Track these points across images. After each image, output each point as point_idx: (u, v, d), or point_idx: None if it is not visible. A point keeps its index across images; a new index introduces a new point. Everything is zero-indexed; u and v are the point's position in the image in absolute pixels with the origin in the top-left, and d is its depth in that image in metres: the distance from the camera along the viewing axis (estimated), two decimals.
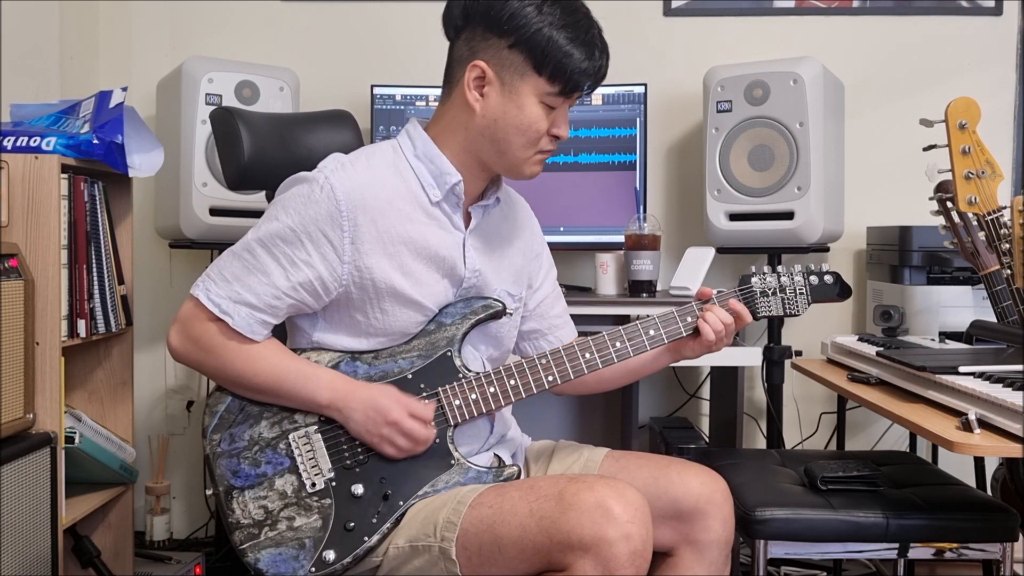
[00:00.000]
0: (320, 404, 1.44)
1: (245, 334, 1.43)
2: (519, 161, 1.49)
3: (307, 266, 1.43)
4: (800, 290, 1.58)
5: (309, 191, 1.43)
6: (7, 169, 1.81)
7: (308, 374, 1.45)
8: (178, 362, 1.51)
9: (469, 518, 1.35)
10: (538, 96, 1.44)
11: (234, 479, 1.44)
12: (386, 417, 1.42)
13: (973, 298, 2.35)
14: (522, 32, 1.41)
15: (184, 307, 1.47)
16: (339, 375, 1.46)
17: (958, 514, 1.66)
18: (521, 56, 1.42)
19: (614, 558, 1.26)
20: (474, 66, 1.44)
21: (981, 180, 1.73)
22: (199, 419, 2.84)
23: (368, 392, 1.44)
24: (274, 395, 1.46)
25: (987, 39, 2.77)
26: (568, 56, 1.41)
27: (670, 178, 2.86)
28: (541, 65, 1.42)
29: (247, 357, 1.44)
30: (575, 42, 1.41)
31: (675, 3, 2.82)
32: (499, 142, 1.46)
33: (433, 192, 1.50)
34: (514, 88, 1.44)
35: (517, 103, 1.44)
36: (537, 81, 1.43)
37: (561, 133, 1.49)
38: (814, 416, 2.80)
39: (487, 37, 1.44)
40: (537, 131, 1.46)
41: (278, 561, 1.40)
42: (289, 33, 2.85)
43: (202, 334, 1.45)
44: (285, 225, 1.43)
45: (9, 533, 1.68)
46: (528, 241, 1.68)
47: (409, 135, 1.53)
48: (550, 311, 1.71)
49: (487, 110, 1.45)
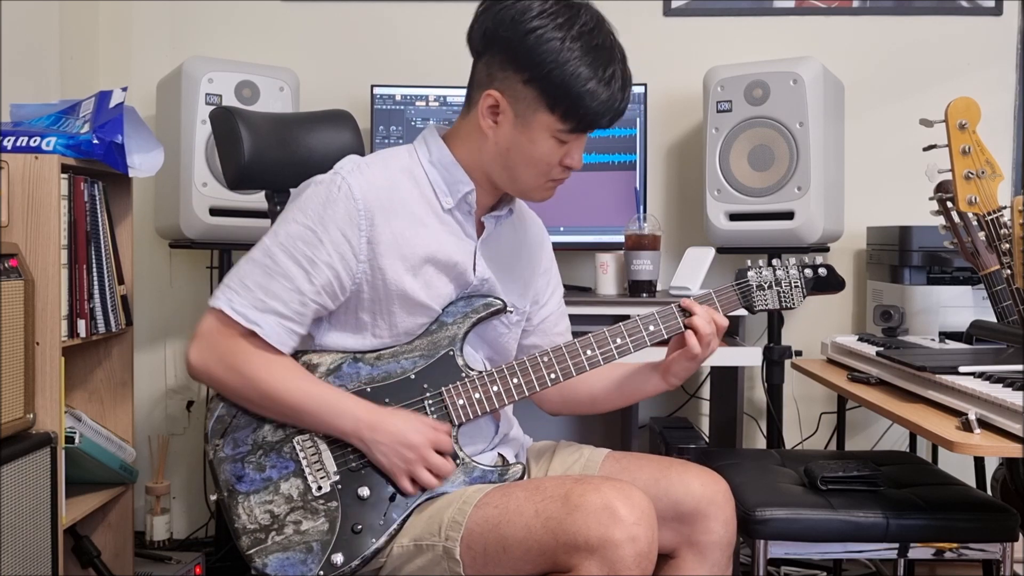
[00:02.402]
0: (343, 432, 1.43)
1: (275, 345, 1.41)
2: (529, 188, 1.50)
3: (327, 267, 1.42)
4: (795, 283, 1.59)
5: (327, 191, 1.43)
6: (7, 169, 1.81)
7: (332, 401, 1.43)
8: (196, 380, 1.48)
9: (474, 518, 1.35)
10: (550, 132, 1.43)
11: (239, 484, 1.43)
12: (417, 453, 1.41)
13: (973, 298, 2.35)
14: (539, 69, 1.39)
15: (205, 321, 1.44)
16: (362, 403, 1.44)
17: (958, 514, 1.66)
18: (535, 92, 1.41)
19: (620, 560, 1.26)
20: (488, 95, 1.44)
21: (981, 180, 1.73)
22: (199, 419, 2.85)
23: (395, 424, 1.42)
24: (294, 417, 1.44)
25: (987, 39, 2.77)
26: (583, 95, 1.39)
27: (670, 178, 2.86)
28: (554, 104, 1.40)
29: (272, 376, 1.41)
30: (594, 80, 1.39)
31: (675, 3, 2.82)
32: (510, 169, 1.47)
33: (446, 199, 1.50)
34: (527, 122, 1.43)
35: (529, 136, 1.43)
36: (550, 119, 1.42)
37: (573, 164, 1.48)
38: (814, 416, 2.80)
39: (504, 68, 1.42)
40: (548, 164, 1.46)
41: (286, 565, 1.39)
42: (289, 33, 2.85)
43: (227, 350, 1.42)
44: (304, 226, 1.42)
45: (9, 533, 1.68)
46: (538, 256, 1.69)
47: (426, 141, 1.53)
48: (553, 328, 1.71)
49: (500, 138, 1.45)
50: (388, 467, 1.42)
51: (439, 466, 1.42)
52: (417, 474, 1.42)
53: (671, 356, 1.55)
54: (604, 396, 1.65)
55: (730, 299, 1.57)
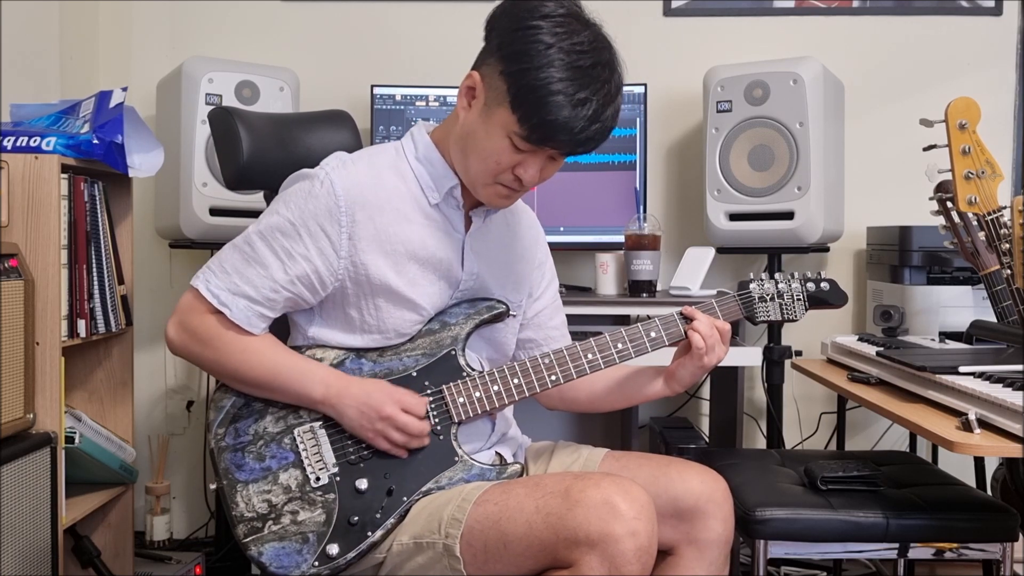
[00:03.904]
0: (314, 399, 1.45)
1: (243, 326, 1.45)
2: (476, 182, 1.47)
3: (304, 260, 1.44)
4: (797, 296, 1.60)
5: (310, 187, 1.45)
6: (7, 169, 1.81)
7: (302, 369, 1.46)
8: (175, 354, 1.52)
9: (474, 515, 1.36)
10: (506, 131, 1.39)
11: (238, 473, 1.44)
12: (379, 412, 1.43)
13: (973, 298, 2.35)
14: (516, 64, 1.36)
15: (183, 298, 1.49)
16: (333, 371, 1.47)
17: (958, 514, 1.66)
18: (505, 86, 1.38)
19: (620, 554, 1.26)
20: (470, 75, 1.45)
21: (981, 180, 1.73)
22: (199, 419, 2.85)
23: (361, 387, 1.45)
24: (269, 390, 1.46)
25: (987, 39, 2.77)
26: (545, 105, 1.35)
27: (670, 178, 2.86)
28: (516, 104, 1.37)
29: (243, 350, 1.45)
30: (562, 95, 1.34)
31: (675, 3, 2.82)
32: (465, 156, 1.46)
33: (432, 194, 1.51)
34: (489, 113, 1.41)
35: (487, 128, 1.41)
36: (509, 118, 1.38)
37: (524, 177, 1.43)
38: (814, 416, 2.80)
39: (491, 54, 1.42)
40: (497, 163, 1.42)
41: (281, 555, 1.41)
42: (289, 33, 2.85)
43: (199, 325, 1.46)
44: (285, 219, 1.45)
45: (9, 533, 1.68)
46: (531, 250, 1.69)
47: (413, 137, 1.55)
48: (548, 322, 1.72)
49: (465, 122, 1.45)
50: (357, 429, 1.44)
51: (408, 424, 1.43)
52: (387, 434, 1.44)
53: (677, 360, 1.55)
54: (604, 396, 1.66)
55: (732, 309, 1.58)
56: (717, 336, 1.51)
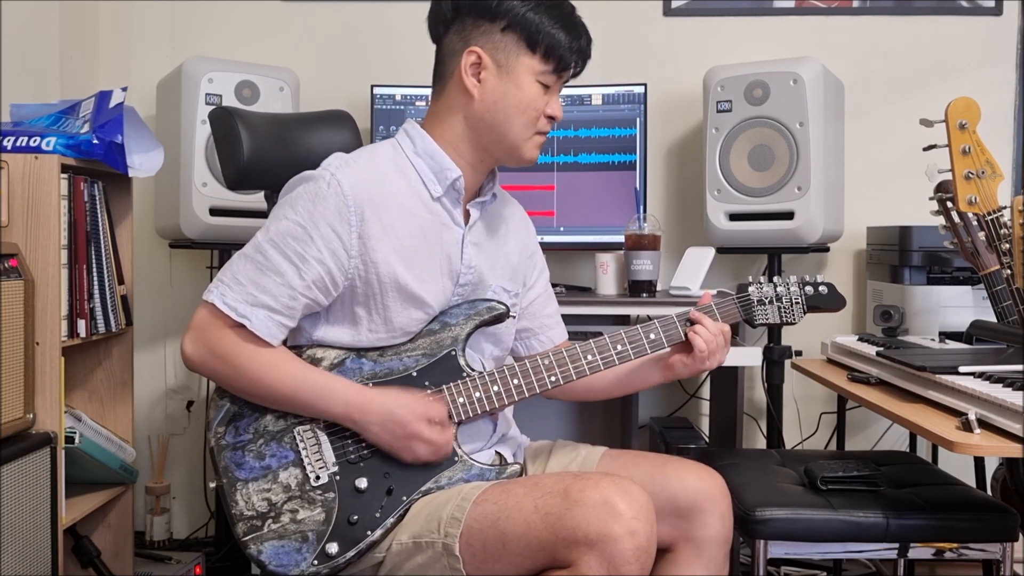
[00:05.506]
0: (335, 416, 1.45)
1: (264, 338, 1.43)
2: (519, 142, 1.52)
3: (318, 262, 1.44)
4: (796, 300, 1.62)
5: (316, 188, 1.45)
6: (7, 169, 1.81)
7: (322, 386, 1.45)
8: (192, 371, 1.51)
9: (473, 514, 1.36)
10: (534, 75, 1.49)
11: (238, 471, 1.44)
12: (406, 430, 1.43)
13: (973, 298, 2.35)
14: (513, 15, 1.47)
15: (198, 314, 1.46)
16: (352, 386, 1.46)
17: (958, 514, 1.66)
18: (515, 37, 1.48)
19: (619, 554, 1.26)
20: (470, 52, 1.48)
21: (981, 180, 1.73)
22: (199, 419, 2.85)
23: (382, 404, 1.44)
24: (288, 405, 1.46)
25: (987, 39, 2.77)
26: (556, 34, 1.48)
27: (670, 178, 2.86)
28: (535, 44, 1.48)
29: (262, 364, 1.44)
30: (560, 23, 1.49)
31: (675, 3, 2.82)
32: (500, 124, 1.50)
33: (434, 188, 1.52)
34: (511, 69, 1.49)
35: (516, 83, 1.49)
36: (532, 60, 1.49)
37: (556, 114, 1.54)
38: (814, 416, 2.80)
39: (479, 24, 1.49)
40: (536, 109, 1.51)
41: (280, 553, 1.41)
42: (289, 33, 2.85)
43: (217, 342, 1.44)
44: (294, 223, 1.44)
45: (9, 533, 1.68)
46: (524, 239, 1.70)
47: (408, 133, 1.56)
48: (542, 311, 1.73)
49: (486, 94, 1.49)
50: (384, 445, 1.45)
51: (434, 439, 1.44)
52: (413, 449, 1.44)
53: (677, 356, 1.57)
54: (601, 387, 1.68)
55: (731, 312, 1.60)
56: (720, 341, 1.54)
